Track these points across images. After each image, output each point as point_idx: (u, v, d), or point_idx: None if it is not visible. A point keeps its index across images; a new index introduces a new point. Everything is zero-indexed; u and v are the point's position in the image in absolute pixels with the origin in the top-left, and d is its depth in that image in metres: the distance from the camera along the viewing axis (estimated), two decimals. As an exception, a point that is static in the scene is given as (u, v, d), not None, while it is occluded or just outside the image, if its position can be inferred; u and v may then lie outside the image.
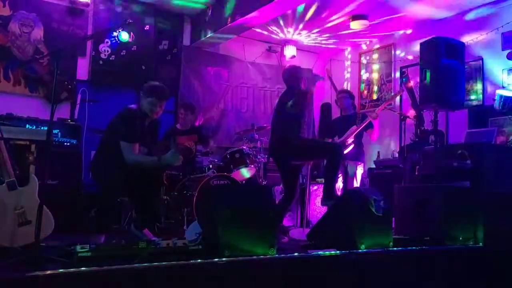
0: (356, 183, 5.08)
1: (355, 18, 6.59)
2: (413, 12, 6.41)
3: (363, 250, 3.09)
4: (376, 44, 7.64)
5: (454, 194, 3.80)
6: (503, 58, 5.67)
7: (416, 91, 5.21)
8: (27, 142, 3.75)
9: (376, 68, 7.58)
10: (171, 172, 5.14)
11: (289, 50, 7.77)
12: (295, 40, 7.71)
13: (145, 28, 6.63)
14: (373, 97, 7.58)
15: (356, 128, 4.97)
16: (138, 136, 3.61)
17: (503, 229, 3.58)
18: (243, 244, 2.71)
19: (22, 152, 3.66)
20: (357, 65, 7.91)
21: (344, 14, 6.57)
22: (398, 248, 3.27)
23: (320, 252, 2.94)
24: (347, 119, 5.25)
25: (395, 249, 3.24)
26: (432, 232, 3.57)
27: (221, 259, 2.49)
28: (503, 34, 5.80)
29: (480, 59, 6.05)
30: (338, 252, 2.94)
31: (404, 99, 6.87)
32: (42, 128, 4.52)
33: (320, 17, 6.71)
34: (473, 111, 6.03)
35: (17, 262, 2.30)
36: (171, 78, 6.79)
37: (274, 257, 2.74)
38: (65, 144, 4.81)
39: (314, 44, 7.91)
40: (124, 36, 6.30)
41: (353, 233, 3.17)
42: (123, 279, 2.19)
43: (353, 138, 4.99)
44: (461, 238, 3.64)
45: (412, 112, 5.71)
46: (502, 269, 3.48)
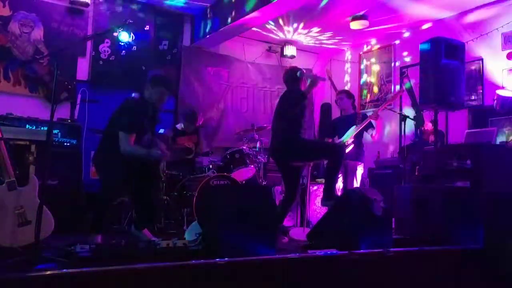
0: (356, 183, 5.08)
1: (355, 18, 6.59)
2: (413, 12, 6.41)
3: (363, 250, 3.09)
4: (376, 44, 7.64)
5: (454, 194, 3.80)
6: (503, 58, 5.67)
7: (416, 91, 5.21)
8: (27, 142, 3.76)
9: (376, 69, 7.58)
10: (171, 172, 5.14)
11: (289, 50, 7.78)
12: (295, 40, 7.72)
13: (145, 28, 6.64)
14: (373, 97, 7.58)
15: (356, 128, 4.97)
16: (137, 127, 3.59)
17: (503, 229, 3.57)
18: (243, 244, 2.70)
19: (22, 152, 3.66)
20: (357, 65, 7.91)
21: (344, 14, 6.57)
22: (398, 248, 3.27)
23: (320, 252, 2.94)
24: (347, 119, 5.25)
25: (395, 249, 3.24)
26: (432, 232, 3.56)
27: (221, 259, 2.49)
28: (503, 34, 5.80)
29: (480, 59, 6.05)
30: (338, 252, 2.94)
31: (404, 99, 6.87)
32: (42, 128, 4.52)
33: (320, 17, 6.71)
34: (473, 111, 6.04)
35: (17, 262, 2.30)
36: (171, 78, 6.79)
37: (274, 257, 2.74)
38: (65, 144, 4.81)
39: (314, 44, 7.92)
40: (124, 36, 6.30)
41: (353, 233, 3.17)
42: (123, 279, 2.19)
43: (353, 138, 4.99)
44: (461, 238, 3.64)
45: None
46: (502, 269, 3.48)
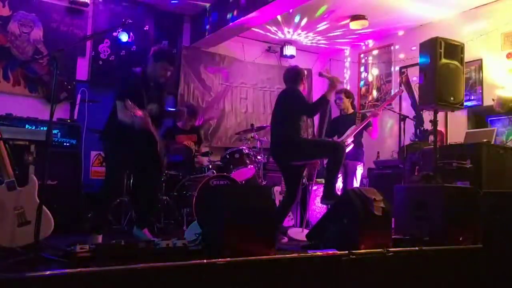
0: (356, 183, 5.08)
1: (355, 18, 6.60)
2: (413, 12, 6.41)
3: (363, 250, 3.08)
4: (376, 44, 7.64)
5: (454, 194, 3.80)
6: (503, 58, 5.67)
7: (416, 91, 5.21)
8: (27, 142, 3.74)
9: (376, 68, 7.58)
10: (171, 172, 5.14)
11: (289, 50, 7.78)
12: (295, 40, 7.71)
13: (145, 28, 6.63)
14: (373, 97, 7.58)
15: (356, 128, 4.97)
16: (130, 96, 3.43)
17: (503, 229, 3.58)
18: (243, 244, 2.70)
19: (22, 152, 3.65)
20: (357, 65, 7.91)
21: (344, 14, 6.57)
22: (398, 248, 3.27)
23: (320, 252, 2.94)
24: (347, 119, 5.25)
25: (395, 249, 3.24)
26: (432, 232, 3.56)
27: (221, 259, 2.49)
28: (503, 34, 5.80)
29: (480, 59, 6.05)
30: (338, 252, 2.94)
31: (404, 99, 6.87)
32: (42, 128, 4.52)
33: (320, 17, 6.71)
34: (473, 111, 6.04)
35: (17, 262, 2.30)
36: (171, 78, 6.79)
37: (274, 257, 2.74)
38: (65, 144, 4.81)
39: (314, 44, 7.92)
40: (124, 37, 6.29)
41: (353, 233, 3.17)
42: (123, 279, 2.19)
43: (353, 138, 4.99)
44: (461, 238, 3.64)
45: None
46: (502, 269, 3.48)
